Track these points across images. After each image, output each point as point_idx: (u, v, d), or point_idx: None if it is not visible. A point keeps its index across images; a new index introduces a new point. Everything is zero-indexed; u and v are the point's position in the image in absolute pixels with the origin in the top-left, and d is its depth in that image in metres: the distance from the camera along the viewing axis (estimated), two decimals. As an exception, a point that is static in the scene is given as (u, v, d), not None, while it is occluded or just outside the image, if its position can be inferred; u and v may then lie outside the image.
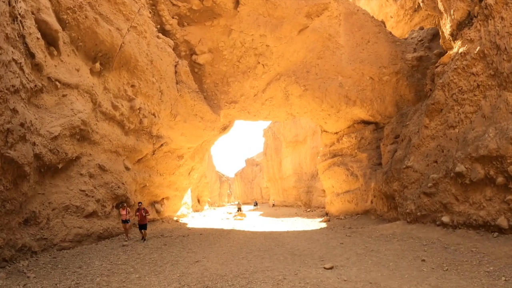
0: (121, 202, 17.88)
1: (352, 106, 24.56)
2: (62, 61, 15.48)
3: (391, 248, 12.11)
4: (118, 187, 18.89)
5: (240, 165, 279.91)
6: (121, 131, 19.79)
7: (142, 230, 17.50)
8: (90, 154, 17.40)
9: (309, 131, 49.56)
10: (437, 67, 17.57)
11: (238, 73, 25.21)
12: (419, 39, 25.56)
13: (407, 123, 19.20)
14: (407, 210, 16.22)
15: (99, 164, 17.70)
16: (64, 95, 15.32)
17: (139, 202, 18.43)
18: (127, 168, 20.82)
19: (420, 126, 16.64)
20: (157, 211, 26.38)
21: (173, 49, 23.41)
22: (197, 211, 44.14)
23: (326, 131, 29.81)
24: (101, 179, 17.93)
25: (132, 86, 19.70)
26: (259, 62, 24.76)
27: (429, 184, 14.82)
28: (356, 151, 26.19)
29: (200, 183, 47.35)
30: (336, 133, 28.71)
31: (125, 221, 17.36)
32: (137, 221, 18.01)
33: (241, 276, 9.61)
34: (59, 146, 14.85)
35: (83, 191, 16.59)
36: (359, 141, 26.10)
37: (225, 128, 30.79)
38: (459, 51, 14.75)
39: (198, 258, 12.37)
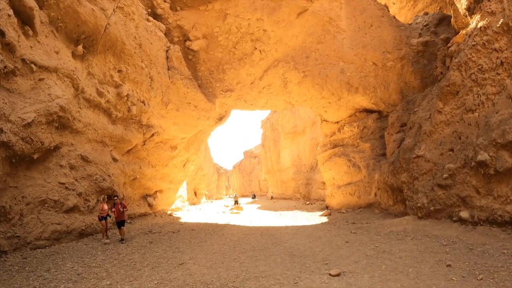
0: (102, 196, 15.78)
1: (354, 94, 22.63)
2: (39, 42, 13.66)
3: (406, 249, 10.17)
4: (104, 180, 17.03)
5: (239, 158, 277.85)
6: (108, 120, 17.94)
7: (121, 228, 14.97)
8: (71, 144, 15.53)
9: (308, 121, 47.43)
10: (449, 47, 15.65)
11: (234, 60, 23.32)
12: (424, 24, 23.65)
13: (415, 110, 17.23)
14: (418, 204, 14.27)
15: (81, 155, 15.81)
16: (40, 79, 13.51)
17: (115, 196, 15.98)
18: (114, 159, 18.95)
19: (432, 111, 14.67)
20: (150, 205, 24.51)
21: (166, 35, 21.53)
22: (193, 204, 42.24)
23: (327, 121, 27.81)
24: (84, 170, 16.06)
25: (119, 71, 17.82)
26: (256, 48, 22.85)
27: (445, 175, 12.85)
28: (358, 141, 24.24)
29: (196, 176, 45.44)
30: (337, 122, 26.73)
31: (105, 218, 15.15)
32: (114, 218, 15.51)
33: (230, 284, 7.75)
34: (34, 134, 13.05)
35: (63, 184, 14.75)
36: (361, 131, 24.14)
37: (221, 118, 28.96)
38: (478, 26, 12.79)
39: (184, 260, 10.51)
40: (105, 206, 15.15)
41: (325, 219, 21.21)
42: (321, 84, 22.76)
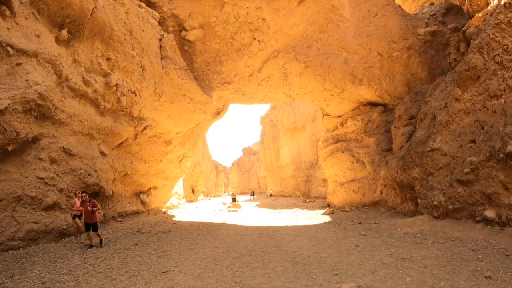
0: (76, 191, 13.64)
1: (358, 86, 20.93)
2: (17, 24, 12.04)
3: (430, 255, 8.44)
4: (89, 175, 15.33)
5: (238, 155, 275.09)
6: (95, 111, 16.22)
7: (91, 233, 12.27)
8: (53, 135, 13.88)
9: (308, 117, 45.47)
10: (465, 31, 13.96)
11: (231, 51, 21.64)
12: (431, 14, 22.08)
13: (426, 100, 15.50)
14: (434, 203, 12.51)
15: (63, 148, 14.13)
16: (18, 64, 11.91)
17: (82, 192, 13.04)
18: (103, 154, 17.23)
19: (449, 100, 12.94)
20: (142, 202, 22.79)
21: (160, 24, 19.88)
22: (190, 201, 40.42)
23: (328, 115, 26.05)
24: (67, 165, 14.38)
25: (108, 59, 16.12)
26: (254, 38, 21.17)
27: (466, 170, 11.11)
28: (362, 135, 22.49)
29: (194, 172, 43.63)
30: (339, 116, 24.97)
31: (78, 216, 13.18)
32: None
33: (219, 302, 6.12)
34: (7, 123, 11.48)
35: (42, 178, 13.09)
36: (365, 125, 22.38)
37: (219, 113, 27.31)
38: (502, 2, 11.11)
39: (169, 267, 8.80)
40: (78, 203, 13.28)
41: (328, 218, 19.47)
42: (323, 75, 21.07)
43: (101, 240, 12.34)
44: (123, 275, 8.14)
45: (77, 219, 13.07)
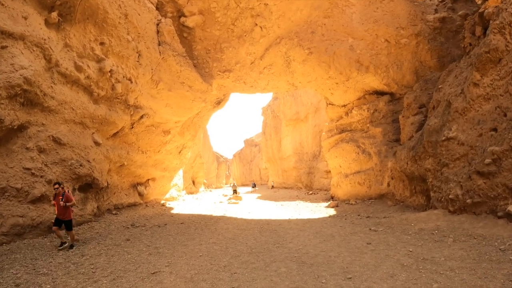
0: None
1: (365, 73, 19.80)
2: (2, 4, 11.07)
3: (454, 256, 7.35)
4: (81, 165, 14.30)
5: (239, 146, 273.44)
6: (89, 98, 15.17)
7: (64, 231, 10.65)
8: (42, 124, 12.86)
9: (311, 108, 44.15)
10: (481, 13, 12.79)
11: (232, 37, 20.51)
12: (440, 0, 20.90)
13: (439, 87, 14.35)
14: (450, 196, 11.37)
15: (53, 136, 13.10)
16: (3, 47, 10.93)
17: (56, 183, 11.08)
18: (96, 143, 16.20)
19: (466, 86, 11.79)
20: (140, 194, 21.78)
21: (159, 10, 18.74)
22: (191, 193, 39.42)
23: (332, 104, 24.88)
24: (56, 154, 13.37)
25: (101, 43, 15.06)
26: (256, 24, 20.02)
27: (487, 160, 10.00)
28: (368, 125, 21.34)
29: (194, 164, 42.57)
30: (344, 106, 23.81)
31: None
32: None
33: (213, 313, 5.10)
34: (-11, 110, 10.49)
35: (28, 169, 12.10)
36: (371, 114, 21.22)
37: (219, 102, 26.25)
38: (529, -23, 10.03)
39: (159, 267, 7.76)
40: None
41: (332, 211, 18.41)
42: (328, 62, 19.94)
43: (72, 245, 10.29)
44: (106, 277, 7.14)
45: None
